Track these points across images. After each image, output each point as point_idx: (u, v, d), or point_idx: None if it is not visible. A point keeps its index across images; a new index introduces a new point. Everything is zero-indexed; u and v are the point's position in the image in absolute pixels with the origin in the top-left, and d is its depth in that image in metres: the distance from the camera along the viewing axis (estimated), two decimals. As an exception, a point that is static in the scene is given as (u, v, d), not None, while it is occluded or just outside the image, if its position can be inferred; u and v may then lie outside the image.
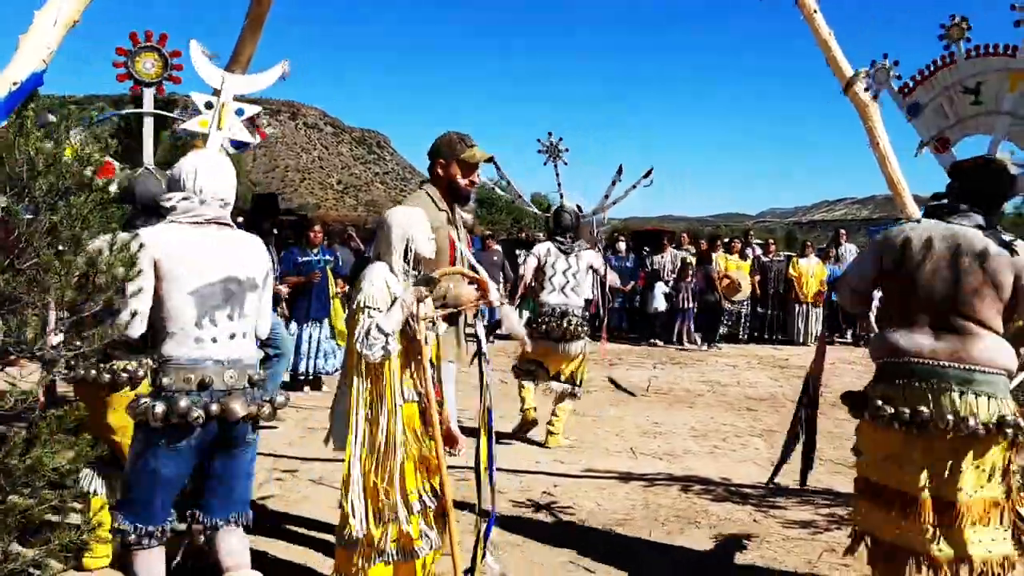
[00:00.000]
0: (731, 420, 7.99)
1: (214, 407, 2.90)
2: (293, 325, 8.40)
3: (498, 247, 14.53)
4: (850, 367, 11.89)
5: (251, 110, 4.31)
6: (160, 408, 2.83)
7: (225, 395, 2.94)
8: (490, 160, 4.28)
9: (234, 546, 3.14)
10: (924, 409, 3.23)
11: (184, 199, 3.02)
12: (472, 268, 3.76)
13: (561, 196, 7.31)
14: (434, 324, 3.49)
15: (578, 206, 7.20)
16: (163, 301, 2.89)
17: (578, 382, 6.85)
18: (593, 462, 6.31)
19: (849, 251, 15.64)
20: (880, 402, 3.34)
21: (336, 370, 8.64)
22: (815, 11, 4.47)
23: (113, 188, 3.50)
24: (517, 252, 14.57)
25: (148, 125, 4.50)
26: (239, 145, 4.50)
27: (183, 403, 2.84)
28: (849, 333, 15.00)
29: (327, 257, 8.96)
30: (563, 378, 6.81)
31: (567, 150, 7.52)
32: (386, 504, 3.27)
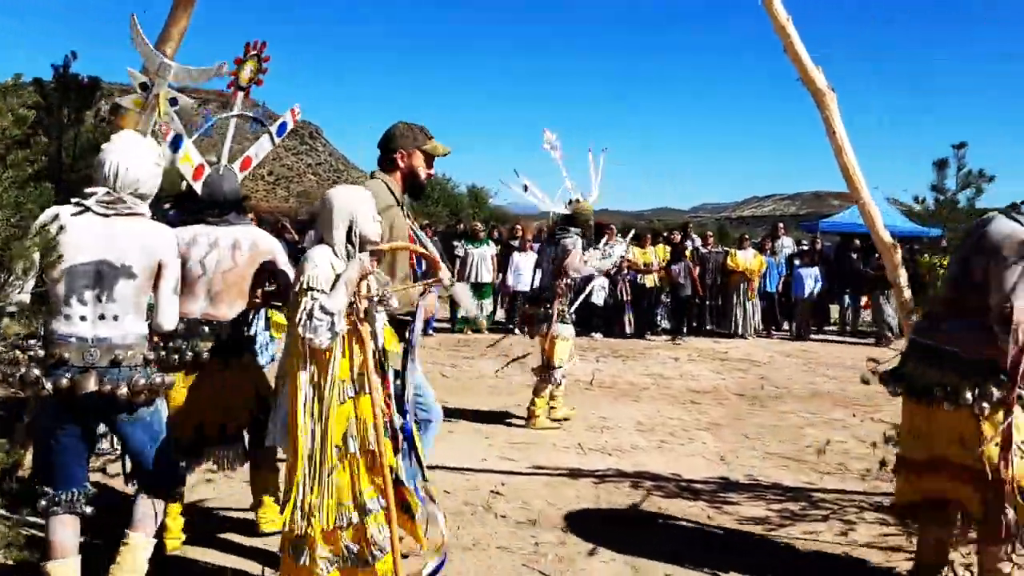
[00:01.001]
0: (677, 414, 7.91)
1: (63, 381, 3.09)
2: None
3: (435, 239, 14.25)
4: (788, 359, 11.99)
5: (184, 101, 4.11)
6: (19, 377, 3.08)
7: (80, 372, 3.12)
8: (447, 154, 4.05)
9: (138, 510, 3.41)
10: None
11: (106, 194, 3.22)
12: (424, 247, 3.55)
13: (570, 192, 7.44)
14: (382, 303, 3.27)
15: (574, 200, 7.35)
16: (47, 276, 3.10)
17: (554, 365, 7.12)
18: (540, 458, 6.15)
19: (785, 244, 15.80)
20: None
21: (271, 362, 8.31)
22: (774, -5, 4.36)
23: (198, 187, 4.11)
24: (455, 244, 14.31)
25: (231, 127, 4.63)
26: (282, 130, 4.67)
27: (33, 374, 3.07)
28: (785, 326, 15.15)
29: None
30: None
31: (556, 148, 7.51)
32: (338, 507, 3.06)
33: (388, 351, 3.39)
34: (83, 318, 3.14)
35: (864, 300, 15.91)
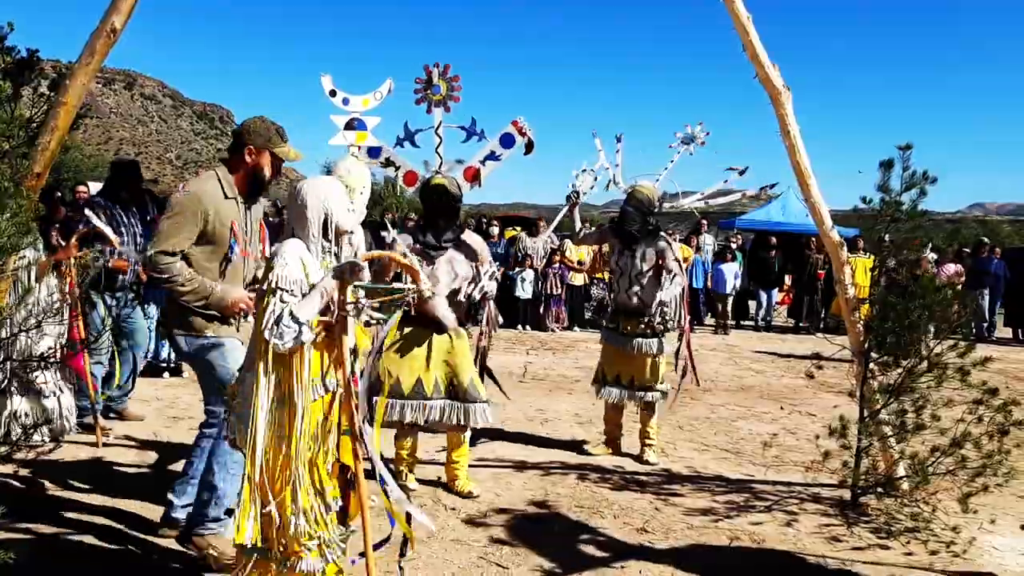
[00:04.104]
0: (611, 406, 7.96)
1: None
2: (152, 308, 7.73)
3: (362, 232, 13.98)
4: (712, 353, 12.23)
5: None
6: None
7: None
8: (298, 159, 4.08)
9: None
10: None
11: None
12: (404, 256, 3.46)
13: (657, 180, 6.66)
14: (358, 311, 3.17)
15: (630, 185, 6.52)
16: None
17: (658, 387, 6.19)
18: (483, 451, 6.11)
19: (707, 241, 16.13)
20: None
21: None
22: (736, -7, 4.40)
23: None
24: (383, 235, 14.08)
25: (435, 136, 5.47)
26: (507, 142, 5.38)
27: None
28: (708, 321, 15.47)
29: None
30: None
31: (707, 136, 6.77)
32: (296, 510, 2.94)
33: (360, 350, 3.29)
34: None
35: (781, 296, 16.39)
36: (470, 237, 5.23)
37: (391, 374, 4.87)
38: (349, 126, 6.14)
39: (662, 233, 6.20)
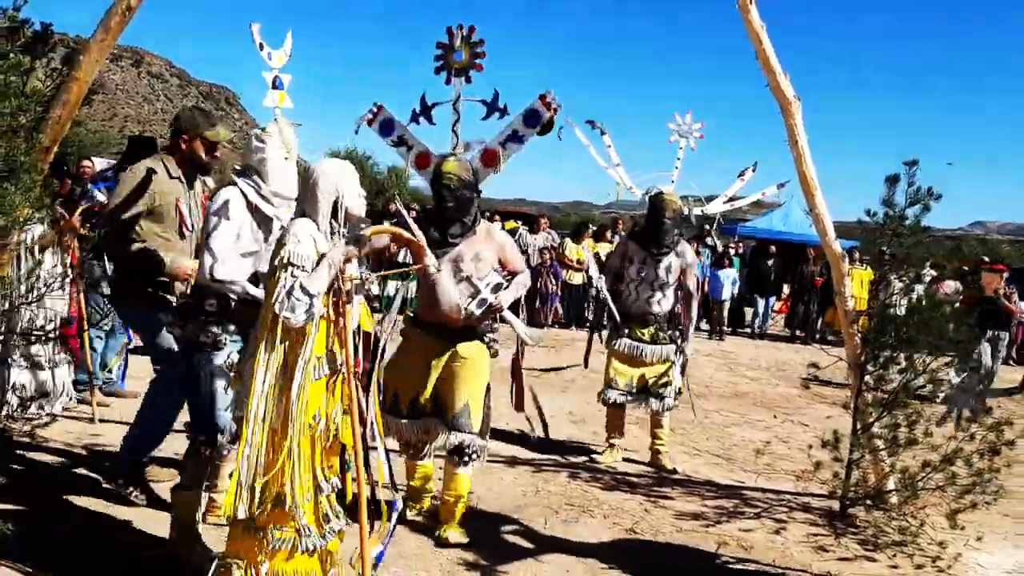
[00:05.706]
0: (605, 406, 7.98)
1: None
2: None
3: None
4: (708, 359, 12.25)
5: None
6: None
7: None
8: (231, 141, 4.51)
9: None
10: None
11: None
12: (409, 230, 3.48)
13: (672, 182, 6.33)
14: (363, 286, 3.19)
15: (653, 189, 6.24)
16: None
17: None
18: (476, 445, 6.12)
19: (708, 244, 16.11)
20: None
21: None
22: (751, 1, 4.41)
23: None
24: (385, 223, 14.06)
25: (452, 111, 4.70)
26: (532, 120, 4.57)
27: None
28: (704, 326, 15.48)
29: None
30: None
31: (701, 131, 6.52)
32: (294, 487, 2.95)
33: (364, 330, 3.31)
34: None
35: (779, 305, 16.41)
36: (491, 233, 4.50)
37: (388, 387, 4.10)
38: (275, 85, 5.66)
39: (688, 246, 6.04)
